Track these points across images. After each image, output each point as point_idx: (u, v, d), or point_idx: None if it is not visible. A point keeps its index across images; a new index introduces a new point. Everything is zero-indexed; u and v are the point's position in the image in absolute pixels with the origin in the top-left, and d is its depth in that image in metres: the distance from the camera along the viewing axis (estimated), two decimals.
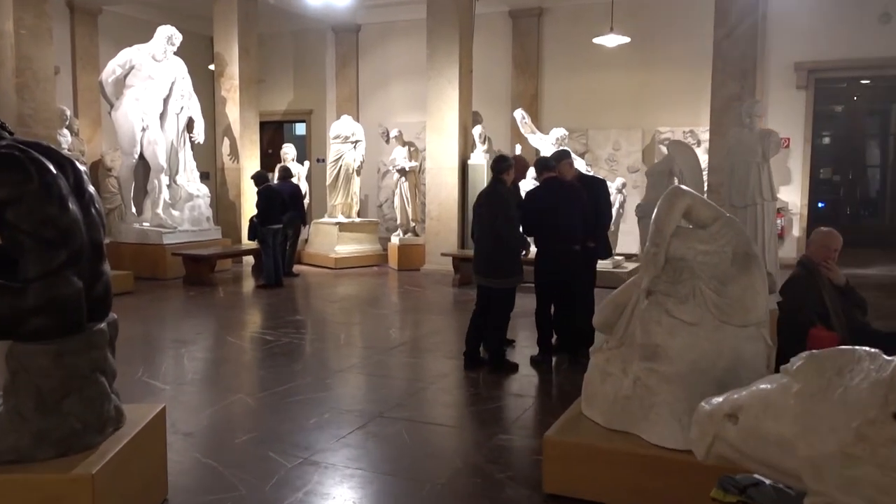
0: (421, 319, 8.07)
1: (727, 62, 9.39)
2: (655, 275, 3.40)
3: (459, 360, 6.00)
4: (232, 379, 5.68)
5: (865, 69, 12.35)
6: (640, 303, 3.47)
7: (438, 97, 11.08)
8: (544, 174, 6.01)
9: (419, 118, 13.87)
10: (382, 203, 14.91)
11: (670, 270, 3.41)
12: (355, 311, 8.56)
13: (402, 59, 14.41)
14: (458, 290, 9.77)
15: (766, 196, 6.15)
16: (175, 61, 10.96)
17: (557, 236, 5.82)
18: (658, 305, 3.38)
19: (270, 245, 9.76)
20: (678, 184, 6.87)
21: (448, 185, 11.06)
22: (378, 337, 7.15)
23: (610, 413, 3.58)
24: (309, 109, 15.69)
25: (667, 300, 3.36)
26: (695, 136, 12.66)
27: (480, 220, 5.79)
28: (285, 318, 7.87)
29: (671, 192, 3.55)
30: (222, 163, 12.59)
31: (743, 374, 3.36)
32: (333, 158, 12.18)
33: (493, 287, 5.76)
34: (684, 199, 3.50)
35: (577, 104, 13.22)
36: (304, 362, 6.03)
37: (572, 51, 13.25)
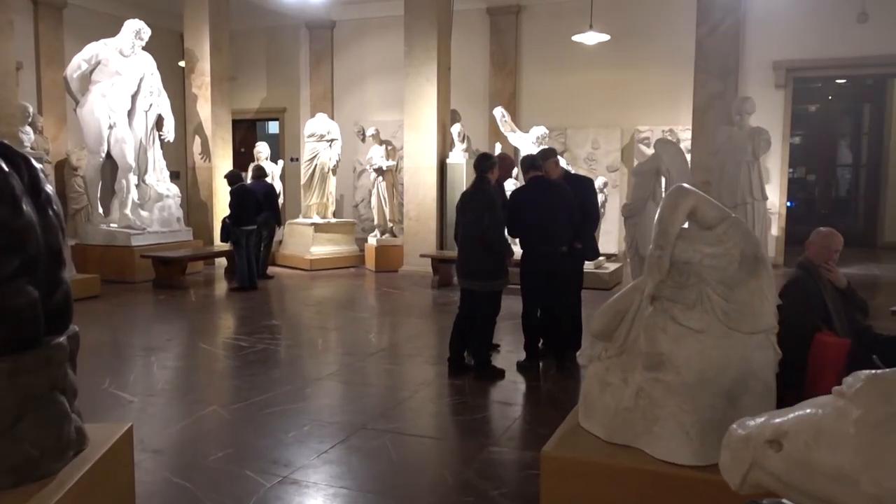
0: (401, 323, 7.83)
1: (709, 60, 9.30)
2: (660, 280, 3.21)
3: (443, 367, 5.78)
4: (205, 389, 5.39)
5: (843, 68, 12.35)
6: (643, 309, 3.27)
7: (416, 95, 10.84)
8: (530, 173, 5.81)
9: (396, 116, 13.64)
10: (358, 203, 14.65)
11: (675, 275, 3.22)
12: (333, 315, 8.29)
13: (377, 56, 14.17)
14: (438, 292, 9.54)
15: (756, 195, 6.02)
16: (143, 56, 10.59)
17: (544, 237, 5.63)
18: (663, 312, 3.18)
19: (244, 246, 9.44)
20: (665, 184, 6.74)
21: (426, 185, 10.83)
22: (357, 342, 6.89)
23: (611, 426, 3.37)
24: (282, 107, 15.38)
25: (672, 306, 3.17)
26: (674, 135, 12.56)
27: (464, 220, 5.57)
28: (260, 323, 7.58)
29: (675, 191, 3.35)
30: (193, 162, 12.23)
31: (752, 384, 3.18)
32: (308, 157, 11.89)
33: (477, 290, 5.55)
34: (689, 198, 3.30)
35: (555, 103, 13.07)
36: (280, 370, 5.75)
37: (551, 48, 13.11)
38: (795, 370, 3.58)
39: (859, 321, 4.17)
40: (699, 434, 3.10)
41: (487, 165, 5.60)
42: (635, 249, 6.80)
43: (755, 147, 5.95)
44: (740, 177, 5.97)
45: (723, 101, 9.26)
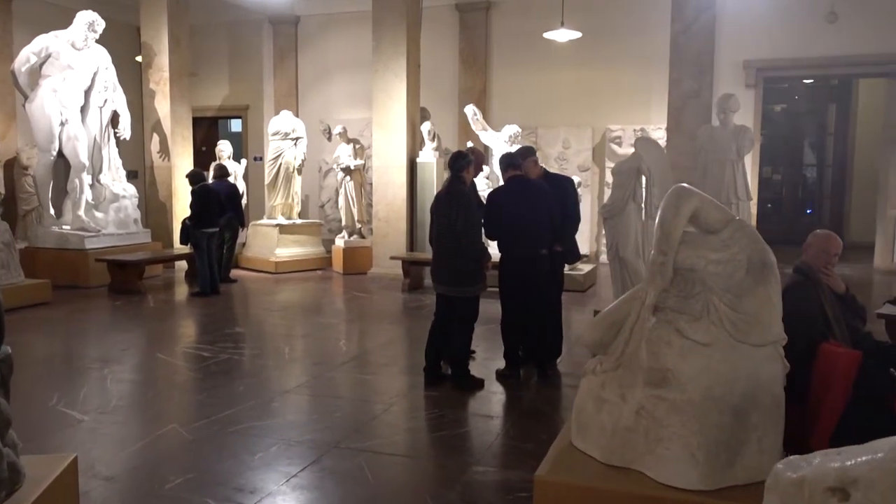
0: (372, 329, 7.50)
1: (684, 58, 9.15)
2: (663, 288, 2.95)
3: (418, 376, 5.49)
4: (163, 405, 5.01)
5: (813, 68, 12.33)
6: (643, 320, 3.01)
7: (385, 92, 10.51)
8: (509, 172, 5.53)
9: (363, 114, 13.29)
10: (324, 203, 14.26)
11: (680, 283, 2.96)
12: (300, 321, 7.92)
13: (344, 52, 13.80)
14: (409, 296, 9.24)
15: (741, 195, 5.84)
16: (97, 50, 10.09)
17: (523, 240, 5.36)
18: (667, 324, 2.93)
19: (205, 249, 9.01)
20: (646, 183, 6.54)
21: (396, 185, 10.50)
22: (326, 350, 6.55)
23: (608, 447, 3.11)
24: (245, 105, 14.90)
25: (678, 318, 2.92)
26: (646, 134, 12.43)
27: (440, 222, 5.27)
28: (223, 331, 7.19)
29: (677, 192, 3.10)
30: (151, 160, 11.73)
31: (761, 400, 2.95)
32: (273, 156, 11.49)
33: (454, 296, 5.26)
34: (692, 200, 3.05)
35: (526, 101, 12.84)
36: (245, 382, 5.39)
37: (521, 46, 12.88)
38: (798, 383, 3.36)
39: (859, 328, 3.98)
40: (706, 456, 2.86)
41: (462, 164, 5.32)
42: (615, 251, 6.61)
43: (739, 146, 5.76)
44: (724, 177, 5.78)
45: (698, 100, 9.13)
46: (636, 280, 6.52)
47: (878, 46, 11.41)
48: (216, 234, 9.23)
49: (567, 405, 5.02)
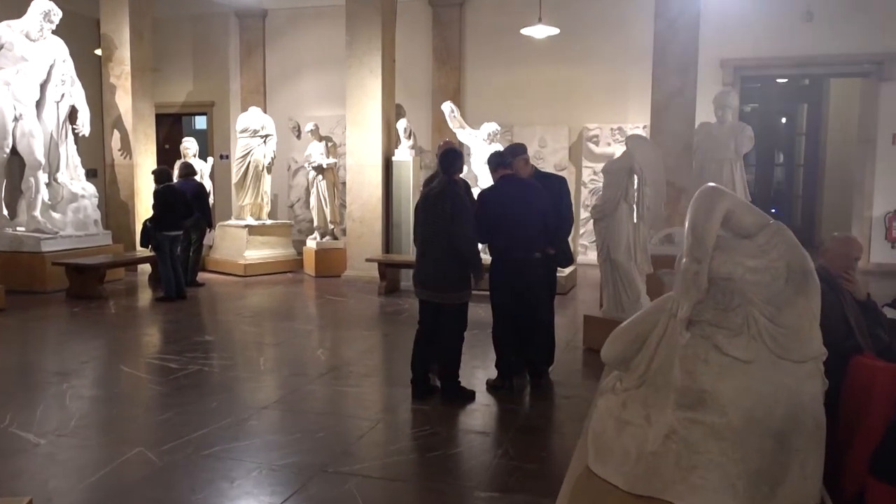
0: (350, 336, 7.13)
1: (668, 55, 8.91)
2: (698, 300, 2.66)
3: (404, 388, 5.16)
4: (128, 425, 4.58)
5: (790, 67, 12.29)
6: (673, 335, 2.72)
7: (359, 88, 10.13)
8: (499, 172, 5.22)
9: (334, 111, 12.92)
10: (294, 203, 13.83)
11: (717, 294, 2.67)
12: (273, 328, 7.51)
13: (314, 47, 13.38)
14: (386, 299, 8.89)
15: (740, 196, 5.58)
16: (54, 41, 9.55)
17: (516, 243, 5.06)
18: (704, 340, 2.63)
19: (167, 253, 8.52)
20: (637, 183, 6.28)
21: (371, 184, 10.13)
22: (304, 360, 6.16)
23: (633, 474, 2.81)
24: (210, 101, 14.38)
25: (716, 333, 2.63)
26: (623, 134, 12.26)
27: (427, 224, 4.93)
28: (191, 339, 6.75)
29: (708, 192, 2.80)
30: (112, 158, 11.18)
31: (803, 421, 2.66)
32: (241, 154, 11.03)
33: (443, 303, 4.93)
34: (724, 200, 2.77)
35: (501, 99, 12.58)
36: (218, 398, 4.99)
37: (497, 42, 12.62)
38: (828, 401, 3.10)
39: (882, 338, 3.75)
40: (747, 485, 2.57)
41: (457, 167, 5.02)
42: (606, 253, 6.34)
43: (737, 143, 5.54)
44: (722, 176, 5.56)
45: (682, 98, 8.90)
46: (628, 283, 6.28)
47: (854, 46, 11.40)
48: (180, 237, 8.74)
49: (564, 419, 4.74)
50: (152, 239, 8.66)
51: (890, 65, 11.42)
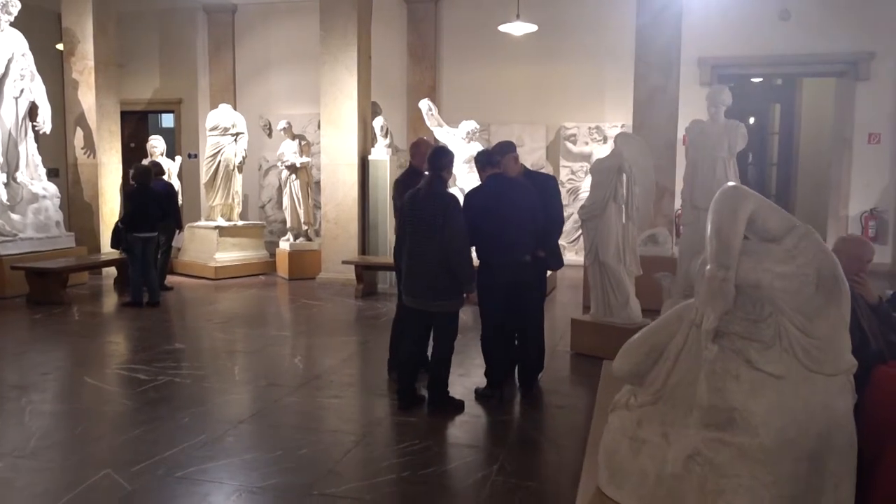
0: (329, 343, 6.84)
1: (650, 51, 8.79)
2: (726, 309, 2.45)
3: (388, 399, 4.93)
4: (94, 444, 4.24)
5: (767, 66, 12.27)
6: (698, 348, 2.51)
7: (334, 85, 9.83)
8: (487, 170, 4.99)
9: (306, 109, 12.62)
10: (265, 203, 13.46)
11: (746, 303, 2.47)
12: (247, 334, 7.18)
13: (285, 43, 13.04)
14: (364, 303, 8.61)
15: None
16: (12, 34, 9.11)
17: (506, 246, 4.83)
18: (735, 354, 2.43)
19: (138, 256, 8.14)
20: (626, 182, 6.09)
21: (346, 184, 9.84)
22: (282, 369, 5.86)
23: (652, 497, 2.60)
24: (178, 98, 13.95)
25: (748, 346, 2.42)
26: (601, 133, 12.15)
27: (417, 227, 4.65)
28: (160, 348, 6.41)
29: (731, 193, 2.59)
30: (75, 157, 10.73)
31: (836, 440, 2.48)
32: (211, 153, 10.66)
33: (434, 312, 4.68)
34: (748, 201, 2.57)
35: (478, 97, 12.35)
36: (191, 412, 4.68)
37: (473, 40, 12.41)
38: None
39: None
40: None
41: (445, 162, 4.75)
42: (594, 255, 6.15)
43: (731, 142, 5.37)
44: (716, 175, 5.38)
45: (665, 95, 8.80)
46: (617, 286, 6.09)
47: (831, 45, 11.40)
48: (153, 239, 8.36)
49: (560, 430, 4.52)
50: (122, 241, 8.27)
51: (866, 64, 11.43)
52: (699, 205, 5.47)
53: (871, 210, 11.62)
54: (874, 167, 11.61)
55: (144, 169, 8.54)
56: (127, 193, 8.38)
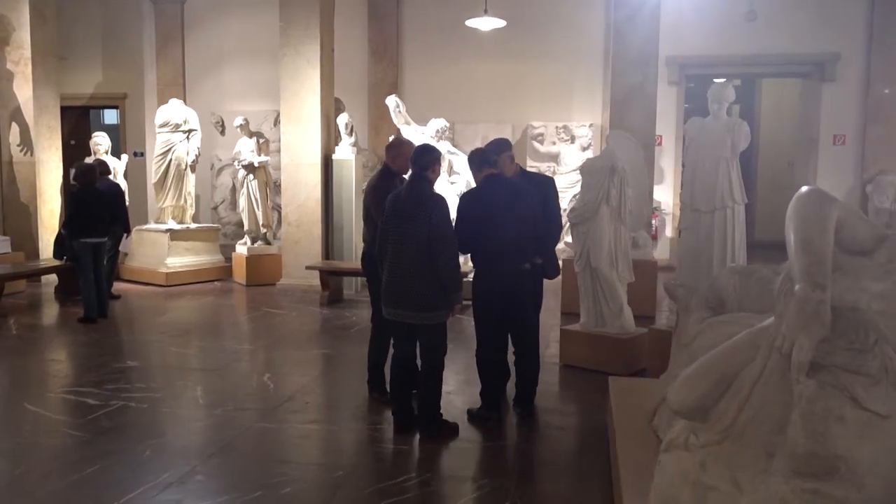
0: (299, 357, 6.30)
1: (629, 48, 8.52)
2: (822, 336, 2.06)
3: (374, 423, 4.48)
4: (35, 487, 3.64)
5: (733, 66, 12.17)
6: (793, 383, 2.11)
7: (295, 80, 9.26)
8: (484, 171, 4.55)
9: (262, 106, 12.01)
10: (218, 204, 12.76)
11: (848, 329, 2.09)
12: (207, 349, 6.58)
13: (239, 36, 12.39)
14: (330, 311, 8.09)
15: (737, 198, 5.13)
16: None
17: (505, 253, 4.41)
18: (838, 390, 2.04)
19: (88, 264, 7.42)
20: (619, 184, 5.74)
21: (308, 184, 9.28)
22: (249, 389, 5.30)
23: None
24: (122, 93, 13.12)
25: (853, 381, 2.03)
26: (569, 132, 11.87)
27: (399, 232, 4.20)
28: (110, 366, 5.78)
29: (813, 197, 2.22)
30: (10, 155, 9.89)
31: None
32: (161, 151, 9.97)
33: (420, 324, 4.23)
34: (833, 207, 2.20)
35: (442, 95, 11.92)
36: (152, 444, 4.12)
37: (438, 36, 12.01)
38: None
39: None
40: None
41: (429, 160, 4.29)
42: (586, 261, 5.78)
43: (734, 141, 5.06)
44: (718, 176, 5.06)
45: (642, 93, 8.53)
46: (609, 293, 5.74)
47: (796, 46, 11.36)
48: (103, 244, 7.66)
49: (568, 457, 4.11)
50: (68, 249, 7.54)
51: (831, 65, 11.41)
52: (700, 207, 5.15)
53: None
54: (839, 168, 11.60)
55: (88, 167, 7.82)
56: (70, 195, 7.65)
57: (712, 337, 3.09)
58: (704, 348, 3.11)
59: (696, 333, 3.22)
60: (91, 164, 8.20)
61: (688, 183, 5.27)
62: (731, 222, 5.12)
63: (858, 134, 11.45)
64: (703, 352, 3.12)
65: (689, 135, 5.27)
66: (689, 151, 5.26)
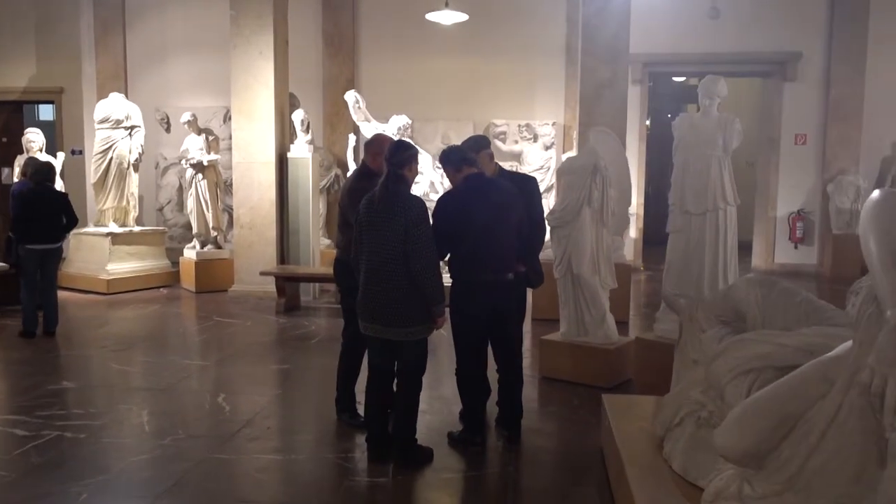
0: (256, 373, 5.78)
1: (597, 43, 8.20)
2: None
3: (342, 449, 4.03)
4: None
5: (695, 64, 12.02)
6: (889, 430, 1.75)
7: (247, 72, 8.70)
8: (463, 171, 4.12)
9: (210, 102, 11.40)
10: (163, 206, 12.06)
11: None
12: (153, 365, 6.00)
13: (186, 26, 11.73)
14: (287, 320, 7.58)
15: (729, 199, 4.83)
16: None
17: (488, 261, 4.00)
18: None
19: (33, 273, 6.70)
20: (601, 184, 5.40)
21: (262, 185, 8.73)
22: (202, 413, 4.77)
23: None
24: (58, 87, 12.25)
25: None
26: (531, 131, 11.56)
27: (378, 240, 3.74)
28: (43, 387, 5.18)
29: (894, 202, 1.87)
30: None
31: None
32: (101, 148, 9.30)
33: (400, 340, 3.79)
34: None
35: (400, 91, 11.46)
36: (90, 483, 3.58)
37: (396, 30, 11.59)
38: None
39: None
40: None
41: (405, 157, 3.86)
42: (567, 267, 5.42)
43: (726, 139, 4.76)
44: (710, 176, 4.75)
45: (612, 90, 8.24)
46: (591, 301, 5.39)
47: (759, 45, 11.27)
48: (55, 251, 6.92)
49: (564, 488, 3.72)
50: (14, 254, 6.84)
51: (793, 65, 11.35)
52: (691, 209, 4.83)
53: (798, 211, 11.56)
54: (801, 168, 11.56)
55: (44, 165, 7.07)
56: (19, 194, 6.90)
57: (739, 357, 2.75)
58: (730, 370, 2.77)
59: (717, 352, 2.87)
60: (46, 161, 7.51)
61: (677, 183, 4.95)
62: (723, 225, 4.81)
63: (820, 133, 11.41)
64: (728, 374, 2.78)
65: (677, 132, 4.95)
66: (677, 150, 4.94)
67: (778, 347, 2.65)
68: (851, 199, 11.12)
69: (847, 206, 11.09)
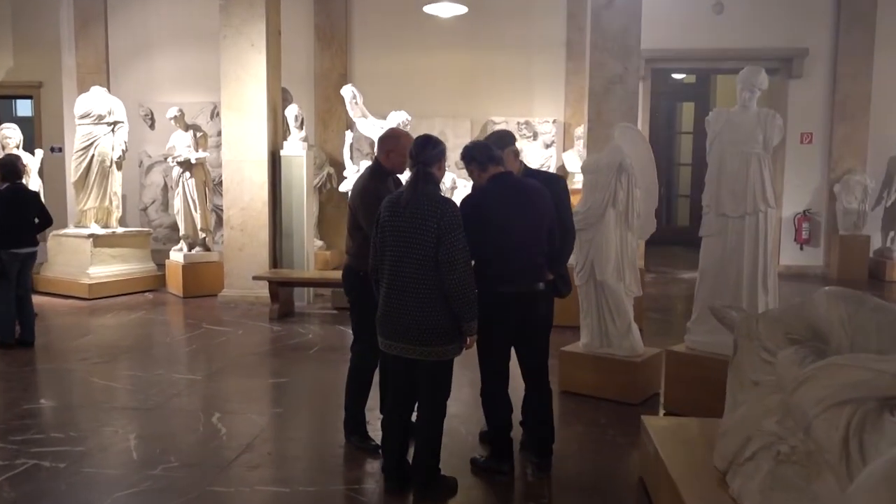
0: (251, 388, 5.34)
1: (607, 37, 7.83)
2: None
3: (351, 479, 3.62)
4: None
5: (699, 61, 11.74)
6: None
7: (238, 64, 8.25)
8: (489, 169, 3.71)
9: (197, 97, 10.93)
10: (148, 206, 11.57)
11: None
12: (139, 380, 5.52)
13: (171, 16, 11.28)
14: (282, 327, 7.15)
15: (770, 201, 4.46)
16: None
17: (517, 269, 3.60)
18: None
19: (12, 279, 6.20)
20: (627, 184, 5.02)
21: (254, 184, 8.28)
22: (196, 436, 4.32)
23: None
24: (37, 81, 11.73)
25: None
26: (531, 128, 11.20)
27: (402, 248, 3.32)
28: (19, 407, 4.72)
29: None
30: None
31: None
32: (82, 145, 8.81)
33: (425, 360, 3.38)
34: None
35: (395, 87, 11.06)
36: None
37: (391, 23, 11.19)
38: None
39: None
40: None
41: (435, 154, 3.46)
42: (590, 273, 5.03)
43: (767, 135, 4.39)
44: (748, 176, 4.39)
45: (623, 86, 7.87)
46: (616, 310, 5.01)
47: (764, 41, 10.98)
48: (34, 255, 6.44)
49: None
50: None
51: (799, 61, 11.06)
52: (728, 212, 4.46)
53: (804, 211, 11.28)
54: (807, 167, 11.27)
55: (10, 159, 6.56)
56: None
57: (830, 386, 2.37)
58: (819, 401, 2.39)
59: (800, 379, 2.49)
60: (13, 155, 6.99)
61: (711, 184, 4.58)
62: (762, 229, 4.44)
63: (826, 132, 11.13)
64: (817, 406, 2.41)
65: (712, 128, 4.58)
66: (712, 147, 4.57)
67: (877, 375, 2.27)
68: (858, 200, 10.85)
69: (854, 207, 10.82)
